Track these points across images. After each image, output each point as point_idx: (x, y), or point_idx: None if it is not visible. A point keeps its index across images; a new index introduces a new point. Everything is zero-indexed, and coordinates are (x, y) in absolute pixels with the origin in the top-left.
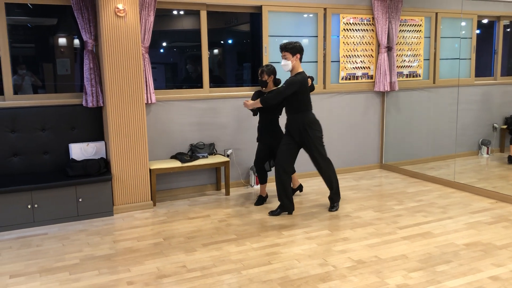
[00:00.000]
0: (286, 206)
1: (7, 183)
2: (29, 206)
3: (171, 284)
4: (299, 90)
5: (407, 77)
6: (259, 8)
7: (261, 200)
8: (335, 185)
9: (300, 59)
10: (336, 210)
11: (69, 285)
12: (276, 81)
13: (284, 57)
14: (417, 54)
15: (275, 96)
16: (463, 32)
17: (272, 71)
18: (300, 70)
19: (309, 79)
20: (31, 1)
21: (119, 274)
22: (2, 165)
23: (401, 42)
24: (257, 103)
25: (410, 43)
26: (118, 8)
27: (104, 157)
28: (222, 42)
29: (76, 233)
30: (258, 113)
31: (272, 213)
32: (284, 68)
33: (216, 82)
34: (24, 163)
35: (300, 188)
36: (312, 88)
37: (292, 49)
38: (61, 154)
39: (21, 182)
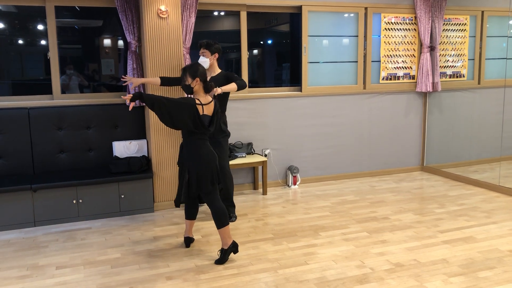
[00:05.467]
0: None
1: (54, 178)
2: (74, 201)
3: (208, 281)
4: None
5: (450, 77)
6: (299, 8)
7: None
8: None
9: (218, 59)
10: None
11: (111, 278)
12: (207, 86)
13: (202, 54)
14: (461, 54)
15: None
16: (511, 31)
17: (196, 72)
18: (218, 70)
19: None
20: (78, 4)
21: (159, 269)
22: (50, 161)
23: (444, 42)
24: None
25: (454, 42)
26: (160, 10)
27: (146, 155)
28: (261, 42)
29: (118, 228)
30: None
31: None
32: (203, 65)
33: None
34: (70, 160)
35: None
36: None
37: (212, 48)
38: (105, 151)
39: (67, 177)
